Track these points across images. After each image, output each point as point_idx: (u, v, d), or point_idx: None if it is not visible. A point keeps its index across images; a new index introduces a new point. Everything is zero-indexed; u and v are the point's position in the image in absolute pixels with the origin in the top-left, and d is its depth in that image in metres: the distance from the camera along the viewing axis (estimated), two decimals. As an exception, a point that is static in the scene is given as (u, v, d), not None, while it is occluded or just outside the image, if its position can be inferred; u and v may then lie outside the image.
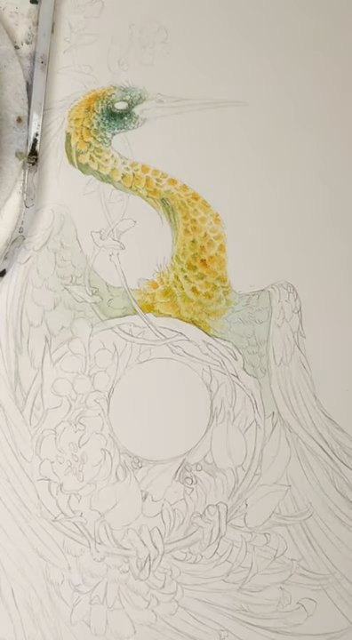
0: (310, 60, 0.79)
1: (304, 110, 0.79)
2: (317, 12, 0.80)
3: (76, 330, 0.74)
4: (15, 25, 0.75)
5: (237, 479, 0.74)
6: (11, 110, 0.73)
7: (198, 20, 0.78)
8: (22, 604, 0.72)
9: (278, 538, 0.74)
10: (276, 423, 0.75)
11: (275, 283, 0.77)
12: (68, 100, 0.76)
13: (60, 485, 0.73)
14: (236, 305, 0.76)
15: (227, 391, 0.75)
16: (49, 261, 0.74)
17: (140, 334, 0.75)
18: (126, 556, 0.73)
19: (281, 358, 0.76)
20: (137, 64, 0.77)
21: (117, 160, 0.76)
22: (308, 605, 0.74)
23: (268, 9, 0.79)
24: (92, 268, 0.75)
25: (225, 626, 0.73)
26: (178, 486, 0.74)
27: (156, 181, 0.76)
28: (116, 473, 0.73)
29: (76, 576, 0.72)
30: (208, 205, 0.77)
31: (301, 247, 0.78)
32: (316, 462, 0.76)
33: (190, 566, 0.73)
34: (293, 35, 0.79)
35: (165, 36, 0.77)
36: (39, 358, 0.73)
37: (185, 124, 0.77)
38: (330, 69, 0.79)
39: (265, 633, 0.74)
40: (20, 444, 0.73)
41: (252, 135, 0.78)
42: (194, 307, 0.76)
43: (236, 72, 0.78)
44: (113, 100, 0.76)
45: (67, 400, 0.73)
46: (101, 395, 0.74)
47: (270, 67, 0.79)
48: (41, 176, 0.75)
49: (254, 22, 0.79)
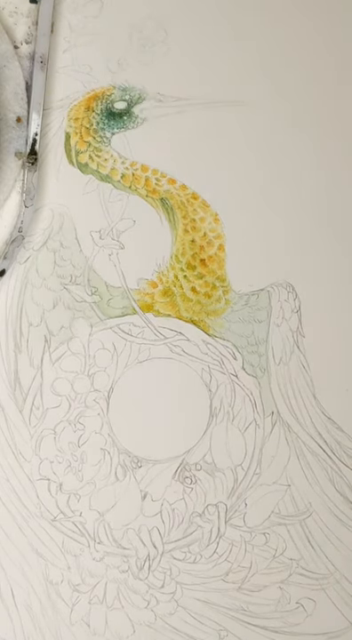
0: (310, 60, 0.79)
1: (303, 110, 0.79)
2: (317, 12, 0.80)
3: (76, 329, 0.74)
4: (15, 24, 0.75)
5: (237, 479, 0.74)
6: (10, 110, 0.73)
7: (198, 20, 0.78)
8: (22, 603, 0.72)
9: (278, 537, 0.74)
10: (275, 423, 0.75)
11: (274, 282, 0.77)
12: (68, 99, 0.76)
13: (59, 485, 0.73)
14: (235, 304, 0.76)
15: (226, 391, 0.75)
16: (48, 261, 0.74)
17: (139, 334, 0.75)
18: (126, 556, 0.73)
19: (280, 358, 0.76)
20: (136, 64, 0.77)
21: (117, 160, 0.76)
22: (307, 605, 0.74)
23: (267, 9, 0.79)
24: (91, 267, 0.75)
25: (224, 625, 0.73)
26: (177, 486, 0.74)
27: (155, 181, 0.76)
28: (115, 472, 0.73)
29: (75, 576, 0.72)
30: (207, 205, 0.77)
31: (301, 247, 0.78)
32: (315, 462, 0.76)
33: (190, 566, 0.73)
34: (293, 35, 0.79)
35: (165, 35, 0.77)
36: (39, 358, 0.74)
37: (184, 123, 0.77)
38: (329, 69, 0.79)
39: (264, 632, 0.74)
40: (19, 443, 0.73)
41: (251, 135, 0.78)
42: (193, 306, 0.76)
43: (236, 72, 0.78)
44: (112, 99, 0.76)
45: (66, 400, 0.73)
46: (101, 394, 0.74)
47: (270, 67, 0.79)
48: (40, 176, 0.75)
49: (254, 22, 0.79)
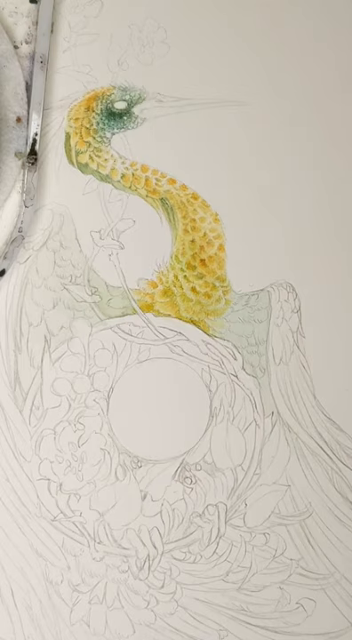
0: (310, 60, 0.79)
1: (303, 110, 0.79)
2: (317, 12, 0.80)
3: (76, 329, 0.74)
4: (14, 24, 0.75)
5: (237, 479, 0.74)
6: (10, 110, 0.73)
7: (198, 20, 0.78)
8: (22, 603, 0.72)
9: (278, 538, 0.74)
10: (275, 423, 0.75)
11: (274, 282, 0.77)
12: (68, 99, 0.76)
13: (59, 485, 0.73)
14: (235, 304, 0.76)
15: (226, 391, 0.75)
16: (48, 261, 0.74)
17: (139, 334, 0.75)
18: (125, 556, 0.73)
19: (280, 358, 0.76)
20: (136, 64, 0.77)
21: (117, 160, 0.76)
22: (307, 605, 0.74)
23: (267, 9, 0.79)
24: (91, 267, 0.75)
25: (224, 625, 0.73)
26: (177, 486, 0.74)
27: (155, 181, 0.76)
28: (115, 473, 0.73)
29: (75, 576, 0.72)
30: (207, 205, 0.77)
31: (301, 247, 0.78)
32: (315, 462, 0.76)
33: (189, 566, 0.73)
34: (293, 35, 0.79)
35: (165, 35, 0.77)
36: (38, 358, 0.74)
37: (184, 123, 0.77)
38: (329, 69, 0.79)
39: (264, 633, 0.74)
40: (19, 443, 0.73)
41: (251, 135, 0.78)
42: (193, 306, 0.76)
43: (236, 72, 0.78)
44: (112, 99, 0.76)
45: (66, 400, 0.73)
46: (101, 394, 0.74)
47: (270, 67, 0.79)
48: (40, 176, 0.75)
49: (254, 22, 0.79)
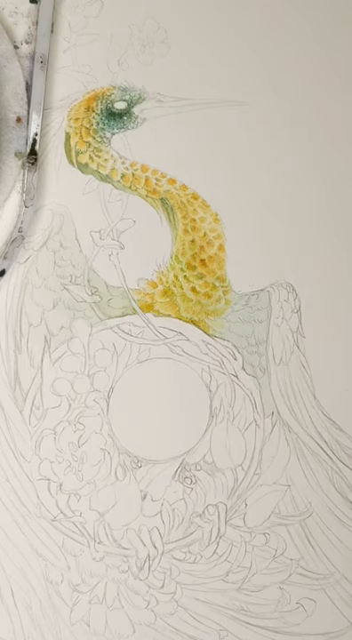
0: (310, 60, 0.79)
1: (303, 110, 0.79)
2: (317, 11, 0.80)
3: (76, 329, 0.74)
4: (15, 24, 0.75)
5: (237, 479, 0.74)
6: (10, 110, 0.73)
7: (198, 20, 0.78)
8: (22, 603, 0.72)
9: (278, 538, 0.74)
10: (275, 423, 0.75)
11: (274, 282, 0.77)
12: (68, 99, 0.76)
13: (59, 485, 0.73)
14: (235, 305, 0.76)
15: (226, 391, 0.75)
16: (48, 261, 0.74)
17: (139, 334, 0.75)
18: (126, 556, 0.73)
19: (280, 358, 0.76)
20: (136, 64, 0.77)
21: (117, 160, 0.76)
22: (307, 605, 0.74)
23: (267, 9, 0.79)
24: (91, 267, 0.75)
25: (224, 625, 0.73)
26: (177, 486, 0.74)
27: (155, 181, 0.76)
28: (115, 473, 0.73)
29: (75, 576, 0.72)
30: (207, 205, 0.77)
31: (301, 247, 0.77)
32: (315, 462, 0.76)
33: (190, 566, 0.73)
34: (293, 35, 0.79)
35: (165, 35, 0.77)
36: (38, 358, 0.73)
37: (184, 123, 0.77)
38: (329, 69, 0.79)
39: (264, 633, 0.74)
40: (19, 443, 0.73)
41: (251, 135, 0.78)
42: (193, 306, 0.76)
43: (236, 72, 0.78)
44: (112, 99, 0.76)
45: (66, 400, 0.73)
46: (101, 394, 0.74)
47: (270, 67, 0.79)
48: (40, 176, 0.75)
49: (253, 22, 0.79)
